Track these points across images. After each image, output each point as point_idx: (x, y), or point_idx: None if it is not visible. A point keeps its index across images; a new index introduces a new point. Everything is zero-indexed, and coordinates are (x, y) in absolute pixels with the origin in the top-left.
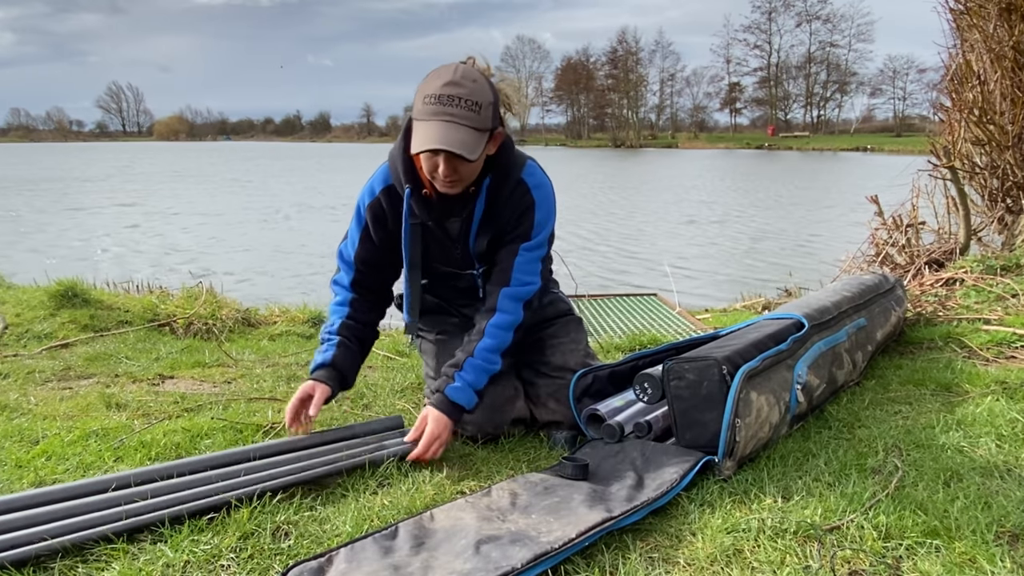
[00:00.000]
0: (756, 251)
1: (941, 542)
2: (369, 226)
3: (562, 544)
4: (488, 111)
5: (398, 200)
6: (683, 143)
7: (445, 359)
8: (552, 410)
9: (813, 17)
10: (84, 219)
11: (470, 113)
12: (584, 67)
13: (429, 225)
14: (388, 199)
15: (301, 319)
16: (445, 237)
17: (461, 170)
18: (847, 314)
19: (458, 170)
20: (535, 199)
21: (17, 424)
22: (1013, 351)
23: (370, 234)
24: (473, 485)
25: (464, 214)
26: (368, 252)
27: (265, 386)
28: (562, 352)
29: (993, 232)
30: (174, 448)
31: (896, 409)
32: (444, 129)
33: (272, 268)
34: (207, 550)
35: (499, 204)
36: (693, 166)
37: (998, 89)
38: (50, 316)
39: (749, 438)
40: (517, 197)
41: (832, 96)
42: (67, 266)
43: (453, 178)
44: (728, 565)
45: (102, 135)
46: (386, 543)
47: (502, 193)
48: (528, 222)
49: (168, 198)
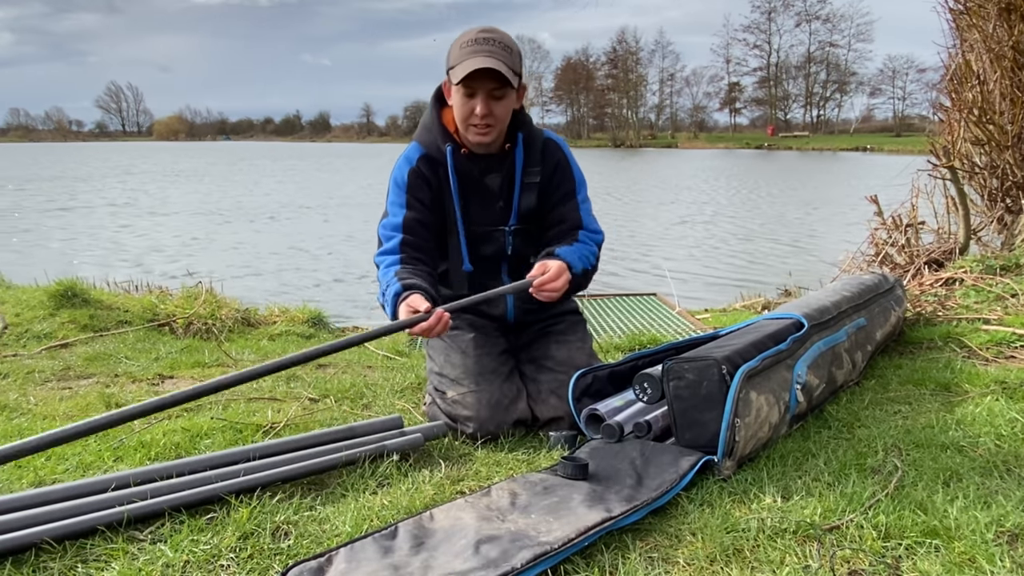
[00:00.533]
0: (756, 251)
1: (940, 542)
2: (413, 190)
3: (562, 544)
4: (517, 57)
5: (436, 164)
6: (683, 143)
7: (456, 357)
8: (553, 406)
9: (813, 17)
10: (73, 219)
11: (504, 52)
12: (584, 67)
13: (472, 179)
14: (427, 164)
15: (301, 319)
16: (486, 192)
17: (495, 110)
18: (847, 314)
19: (494, 112)
20: (566, 154)
21: (17, 424)
22: (1013, 351)
23: (415, 197)
24: (473, 485)
25: (504, 169)
26: (416, 212)
27: (264, 386)
28: (568, 349)
29: (993, 232)
30: (174, 448)
31: (896, 409)
32: (484, 59)
33: (259, 268)
34: (207, 550)
35: (535, 156)
36: (693, 166)
37: (997, 89)
38: (50, 316)
39: (748, 438)
40: (550, 151)
41: (832, 96)
42: (45, 266)
43: (489, 120)
44: (728, 565)
45: (102, 135)
46: (386, 543)
47: (535, 146)
48: (569, 176)
49: (157, 198)
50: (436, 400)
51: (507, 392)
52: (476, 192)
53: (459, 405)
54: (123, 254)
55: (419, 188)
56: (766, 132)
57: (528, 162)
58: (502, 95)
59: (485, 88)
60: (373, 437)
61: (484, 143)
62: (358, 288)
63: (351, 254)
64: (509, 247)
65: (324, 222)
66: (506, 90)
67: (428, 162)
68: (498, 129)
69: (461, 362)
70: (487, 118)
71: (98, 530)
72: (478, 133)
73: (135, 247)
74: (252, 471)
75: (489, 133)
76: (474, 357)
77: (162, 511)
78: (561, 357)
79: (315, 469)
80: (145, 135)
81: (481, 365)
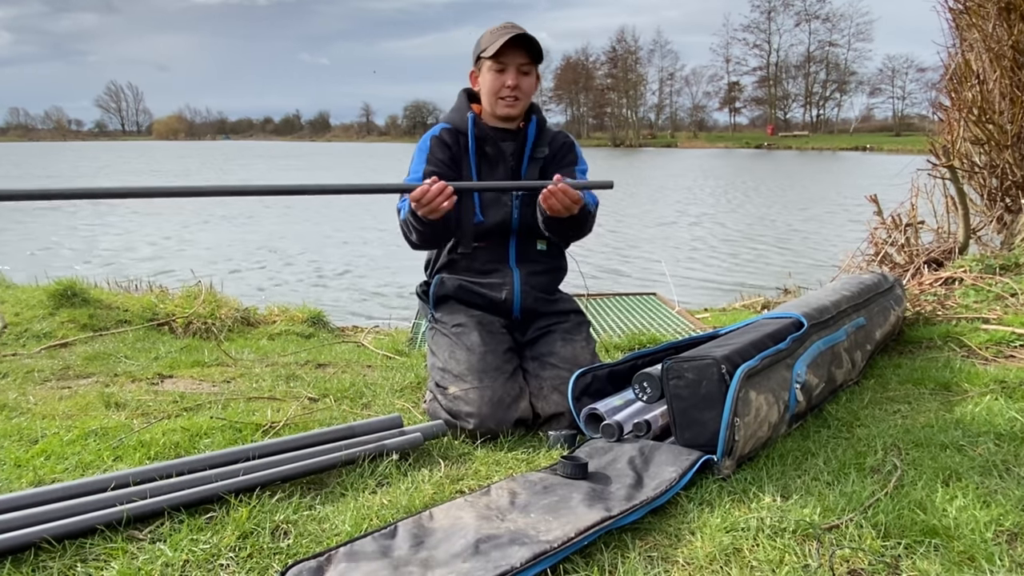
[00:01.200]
0: (755, 251)
1: (940, 541)
2: (433, 152)
3: (561, 543)
4: (539, 46)
5: (457, 134)
6: (682, 142)
7: (460, 353)
8: (556, 402)
9: (812, 16)
10: (58, 219)
11: (531, 37)
12: (583, 66)
13: (488, 142)
14: (449, 133)
15: (300, 318)
16: (499, 154)
17: (523, 85)
18: (846, 313)
19: (521, 86)
20: (572, 140)
21: (16, 423)
22: (1012, 350)
23: (436, 155)
24: (472, 484)
25: (517, 140)
26: (434, 167)
27: (264, 385)
28: (573, 347)
29: (992, 231)
30: (173, 447)
31: (895, 408)
32: (517, 36)
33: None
34: (206, 549)
35: (544, 137)
36: (692, 165)
37: (997, 88)
38: (49, 315)
39: (748, 437)
40: (558, 136)
41: (831, 95)
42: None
43: (517, 93)
44: (727, 564)
45: (101, 134)
46: (385, 542)
47: (545, 130)
48: (573, 153)
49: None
50: (437, 396)
51: (509, 391)
52: (490, 155)
53: (461, 401)
54: (94, 254)
55: (439, 150)
56: (766, 132)
57: (538, 141)
58: (529, 71)
59: (515, 63)
60: (372, 436)
61: (511, 115)
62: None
63: (325, 250)
64: (515, 211)
65: (306, 221)
66: (532, 66)
67: (450, 132)
68: (523, 104)
69: (465, 358)
70: (516, 90)
71: (97, 529)
72: (507, 105)
73: (108, 247)
74: (251, 470)
75: (516, 105)
76: (478, 354)
77: (161, 510)
78: (565, 354)
79: (314, 468)
80: (145, 135)
81: (485, 362)
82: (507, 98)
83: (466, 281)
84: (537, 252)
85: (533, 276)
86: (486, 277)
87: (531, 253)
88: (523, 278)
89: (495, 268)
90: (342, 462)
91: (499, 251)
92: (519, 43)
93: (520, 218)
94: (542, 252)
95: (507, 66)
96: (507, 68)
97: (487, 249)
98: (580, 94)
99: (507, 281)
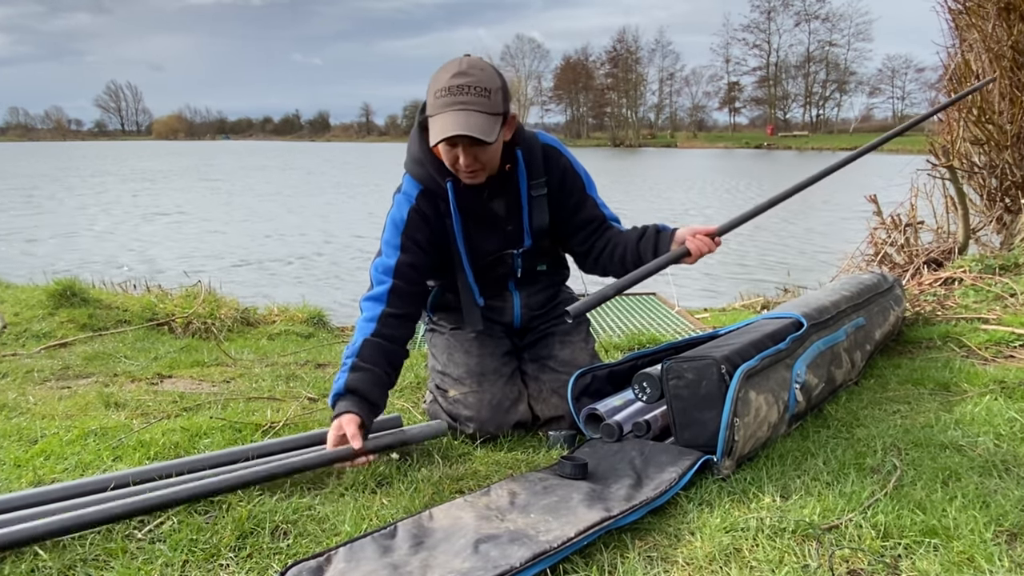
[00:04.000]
0: (755, 250)
1: (939, 541)
2: (410, 231)
3: (561, 543)
4: (498, 95)
5: (436, 198)
6: (682, 142)
7: (459, 356)
8: (555, 405)
9: (812, 16)
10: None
11: (481, 99)
12: (583, 66)
13: (476, 210)
14: (427, 201)
15: (300, 318)
16: (494, 219)
17: (481, 157)
18: (846, 313)
19: (478, 158)
20: (568, 158)
21: (16, 423)
22: (1011, 350)
23: (411, 238)
24: (472, 484)
25: (508, 190)
26: (412, 256)
27: (264, 385)
28: (572, 349)
29: (992, 231)
30: (173, 447)
31: (895, 408)
32: (458, 118)
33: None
34: (206, 549)
35: (538, 168)
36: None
37: (996, 89)
38: (49, 315)
39: (748, 437)
40: (552, 160)
41: (831, 95)
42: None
43: (475, 167)
44: (727, 564)
45: (100, 134)
46: (385, 542)
47: (536, 159)
48: (577, 178)
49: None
50: (437, 398)
51: (508, 394)
52: (483, 222)
53: (460, 404)
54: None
55: (417, 228)
56: (765, 132)
57: (532, 175)
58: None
59: (464, 143)
60: (372, 436)
61: (476, 183)
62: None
63: (325, 250)
64: (519, 269)
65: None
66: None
67: (428, 198)
68: (488, 169)
69: (464, 362)
70: (472, 166)
71: (97, 529)
72: (467, 177)
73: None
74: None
75: (478, 176)
76: (477, 357)
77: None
78: (564, 357)
79: (313, 464)
80: (144, 134)
81: (484, 366)
82: (465, 173)
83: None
84: (538, 273)
85: (533, 296)
86: (486, 301)
87: (531, 275)
88: (523, 300)
89: (495, 294)
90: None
91: (498, 291)
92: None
93: (523, 270)
94: (542, 272)
95: (456, 144)
96: (457, 145)
97: (490, 279)
98: (580, 94)
99: (508, 305)
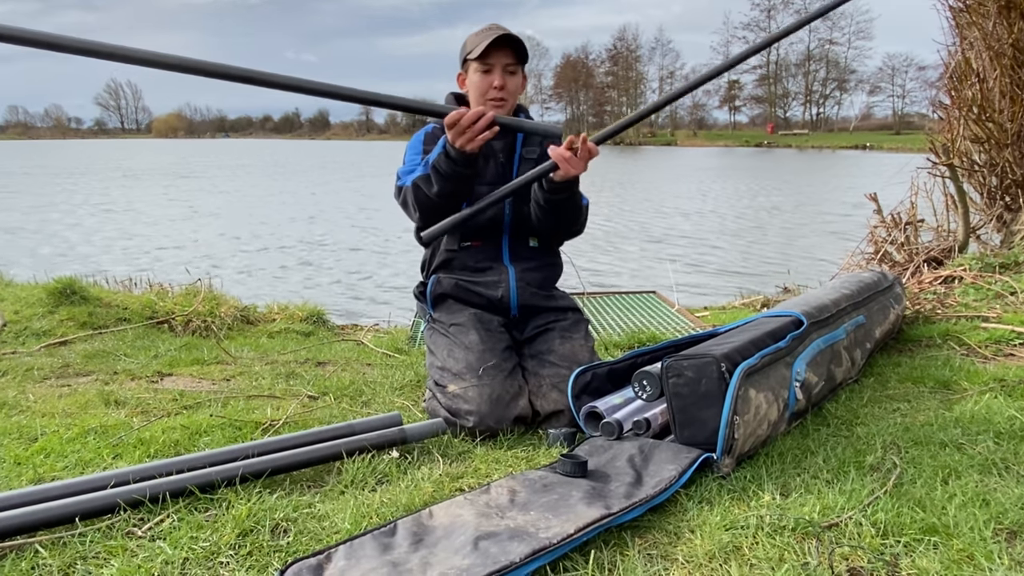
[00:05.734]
0: (755, 249)
1: (939, 539)
2: (430, 144)
3: (560, 539)
4: (523, 46)
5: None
6: (682, 141)
7: (458, 352)
8: (554, 400)
9: None
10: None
11: (516, 37)
12: (583, 64)
13: None
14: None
15: (300, 316)
16: (491, 149)
17: (510, 85)
18: (846, 312)
19: (507, 85)
20: (558, 133)
21: (16, 421)
22: (1011, 348)
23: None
24: (472, 482)
25: (508, 137)
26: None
27: (264, 383)
28: (571, 344)
29: (992, 230)
30: (173, 445)
31: (895, 407)
32: (504, 33)
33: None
34: (206, 547)
35: (533, 138)
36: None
37: (997, 87)
38: (48, 313)
39: (747, 435)
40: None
41: (831, 94)
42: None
43: (503, 93)
44: (726, 562)
45: (100, 132)
46: (385, 540)
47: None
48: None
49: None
50: (436, 394)
51: (508, 388)
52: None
53: (460, 399)
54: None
55: (435, 141)
56: (765, 130)
57: (527, 141)
58: (515, 71)
59: (501, 63)
60: (372, 435)
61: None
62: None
63: (325, 249)
64: (508, 207)
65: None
66: (519, 67)
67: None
68: (510, 104)
69: (463, 356)
70: (502, 90)
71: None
72: (494, 106)
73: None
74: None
75: (503, 105)
76: (477, 352)
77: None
78: (564, 352)
79: (313, 459)
80: (144, 132)
81: (483, 360)
82: (495, 99)
83: (462, 280)
84: (530, 249)
85: (528, 272)
86: (481, 275)
87: (524, 250)
88: (518, 275)
89: (489, 266)
90: (337, 455)
91: (492, 249)
92: (504, 43)
93: (512, 215)
94: (535, 249)
95: (493, 67)
96: (493, 69)
97: (480, 248)
98: (580, 92)
99: (502, 279)
